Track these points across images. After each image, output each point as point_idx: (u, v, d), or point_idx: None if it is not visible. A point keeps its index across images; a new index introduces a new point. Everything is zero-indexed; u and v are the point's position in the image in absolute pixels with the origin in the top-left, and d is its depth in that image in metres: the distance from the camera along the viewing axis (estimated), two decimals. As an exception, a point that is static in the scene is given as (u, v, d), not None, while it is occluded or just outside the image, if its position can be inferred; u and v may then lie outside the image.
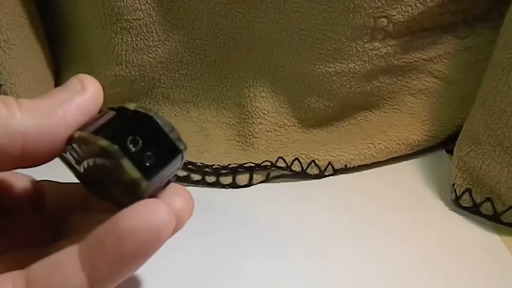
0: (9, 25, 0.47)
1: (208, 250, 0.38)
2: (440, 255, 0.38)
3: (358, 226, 0.41)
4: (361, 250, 0.38)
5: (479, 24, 0.49)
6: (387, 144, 0.47)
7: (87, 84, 0.22)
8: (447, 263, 0.37)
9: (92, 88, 0.22)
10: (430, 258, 0.37)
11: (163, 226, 0.20)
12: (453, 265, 0.37)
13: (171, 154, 0.24)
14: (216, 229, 0.40)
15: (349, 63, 0.47)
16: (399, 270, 0.36)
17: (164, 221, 0.20)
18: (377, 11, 0.44)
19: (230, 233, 0.40)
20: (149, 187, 0.22)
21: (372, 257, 0.38)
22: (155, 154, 0.22)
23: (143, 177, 0.22)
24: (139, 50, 0.48)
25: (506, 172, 0.39)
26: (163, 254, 0.25)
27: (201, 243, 0.39)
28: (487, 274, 0.36)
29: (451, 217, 0.42)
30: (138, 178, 0.21)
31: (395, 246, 0.39)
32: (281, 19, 0.47)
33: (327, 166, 0.46)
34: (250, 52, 0.50)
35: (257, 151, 0.49)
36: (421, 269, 0.36)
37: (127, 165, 0.21)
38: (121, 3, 0.45)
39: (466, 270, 0.36)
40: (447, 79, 0.50)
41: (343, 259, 0.37)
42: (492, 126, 0.39)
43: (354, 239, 0.39)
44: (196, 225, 0.41)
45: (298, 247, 0.38)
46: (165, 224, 0.20)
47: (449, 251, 0.38)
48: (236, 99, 0.52)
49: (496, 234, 0.40)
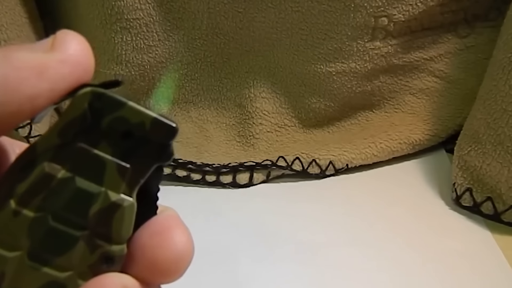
0: (9, 25, 0.47)
1: (208, 250, 0.38)
2: (440, 255, 0.38)
3: (359, 226, 0.40)
4: (361, 250, 0.38)
5: (480, 23, 0.49)
6: (388, 143, 0.47)
7: (63, 41, 0.16)
8: (447, 263, 0.37)
9: (71, 48, 0.16)
10: (430, 258, 0.37)
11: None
12: (453, 265, 0.37)
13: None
14: (216, 230, 0.40)
15: (350, 63, 0.47)
16: (399, 269, 0.36)
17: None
18: (378, 11, 0.44)
19: (230, 233, 0.40)
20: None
21: (372, 257, 0.37)
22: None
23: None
24: (139, 50, 0.48)
25: (506, 171, 0.39)
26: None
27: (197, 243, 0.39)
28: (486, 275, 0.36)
29: (452, 216, 0.42)
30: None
31: (396, 245, 0.38)
32: (281, 19, 0.47)
33: (328, 165, 0.46)
34: (250, 52, 0.50)
35: (258, 151, 0.49)
36: (421, 268, 0.36)
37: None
38: (121, 3, 0.45)
39: (466, 269, 0.36)
40: (448, 79, 0.50)
41: (343, 259, 0.37)
42: (493, 126, 0.39)
43: (354, 239, 0.39)
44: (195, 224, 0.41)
45: (298, 247, 0.38)
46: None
47: (449, 250, 0.38)
48: (236, 99, 0.52)
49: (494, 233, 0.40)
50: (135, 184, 0.16)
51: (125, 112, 0.16)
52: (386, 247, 0.38)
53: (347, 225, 0.41)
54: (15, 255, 0.15)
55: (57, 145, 0.16)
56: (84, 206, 0.16)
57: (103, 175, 0.16)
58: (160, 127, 0.16)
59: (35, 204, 0.15)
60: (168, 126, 0.16)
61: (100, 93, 0.16)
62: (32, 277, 0.16)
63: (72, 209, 0.16)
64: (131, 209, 0.16)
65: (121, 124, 0.16)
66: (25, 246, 0.15)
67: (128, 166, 0.16)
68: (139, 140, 0.16)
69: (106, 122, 0.16)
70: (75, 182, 0.16)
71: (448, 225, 0.41)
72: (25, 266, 0.16)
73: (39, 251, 0.16)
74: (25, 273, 0.16)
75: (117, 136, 0.16)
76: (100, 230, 0.16)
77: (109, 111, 0.16)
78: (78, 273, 0.16)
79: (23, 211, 0.15)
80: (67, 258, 0.16)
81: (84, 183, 0.16)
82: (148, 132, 0.16)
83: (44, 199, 0.15)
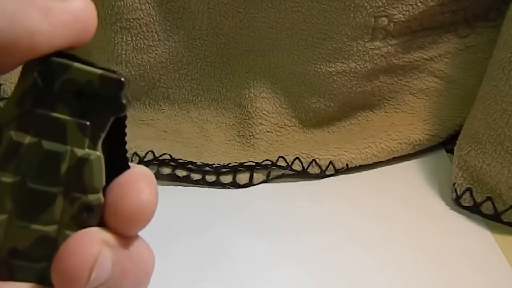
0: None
1: (208, 250, 0.38)
2: (440, 255, 0.38)
3: (359, 226, 0.40)
4: (361, 250, 0.38)
5: (480, 23, 0.49)
6: (388, 143, 0.47)
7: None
8: (447, 263, 0.37)
9: (77, 3, 0.17)
10: (430, 258, 0.37)
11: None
12: (453, 265, 0.37)
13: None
14: (216, 230, 0.40)
15: (350, 63, 0.47)
16: (399, 269, 0.36)
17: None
18: (378, 11, 0.44)
19: (230, 233, 0.40)
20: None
21: (372, 257, 0.37)
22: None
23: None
24: (139, 50, 0.48)
25: (506, 171, 0.39)
26: (159, 254, 0.25)
27: (197, 243, 0.39)
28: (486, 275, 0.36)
29: (452, 216, 0.42)
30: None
31: (396, 245, 0.38)
32: (281, 19, 0.47)
33: (328, 165, 0.46)
34: (250, 52, 0.50)
35: (258, 151, 0.49)
36: (421, 268, 0.36)
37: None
38: (121, 3, 0.45)
39: (466, 269, 0.36)
40: (447, 79, 0.50)
41: (344, 259, 0.37)
42: (493, 126, 0.39)
43: (354, 239, 0.39)
44: (194, 225, 0.41)
45: (298, 247, 0.38)
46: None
47: (449, 250, 0.38)
48: (236, 99, 0.52)
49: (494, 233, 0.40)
50: (97, 138, 0.17)
51: (73, 73, 0.17)
52: (386, 247, 0.38)
53: (347, 225, 0.41)
54: (3, 217, 0.17)
55: (18, 115, 0.17)
56: (55, 165, 0.17)
57: (65, 134, 0.17)
58: (108, 82, 0.17)
59: (11, 170, 0.17)
60: (115, 80, 0.17)
61: (45, 60, 0.17)
62: (23, 234, 0.17)
63: (45, 170, 0.17)
64: (99, 161, 0.17)
65: (71, 85, 0.17)
66: (11, 209, 0.17)
67: (87, 123, 0.17)
68: (91, 97, 0.17)
69: (57, 85, 0.17)
70: (42, 145, 0.17)
71: (448, 225, 0.40)
72: (15, 226, 0.17)
73: (24, 211, 0.17)
74: (17, 232, 0.17)
75: (71, 97, 0.17)
76: (74, 184, 0.17)
77: (58, 75, 0.17)
78: (63, 225, 0.17)
79: (2, 178, 0.17)
80: (50, 213, 0.17)
81: (51, 144, 0.17)
82: (98, 88, 0.17)
83: (18, 164, 0.17)
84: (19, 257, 0.17)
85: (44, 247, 0.17)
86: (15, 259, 0.17)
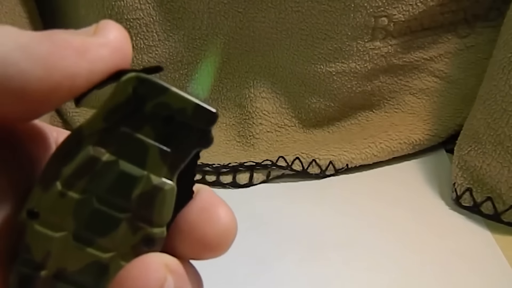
0: (10, 25, 0.47)
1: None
2: (441, 255, 0.38)
3: (359, 226, 0.40)
4: (361, 250, 0.38)
5: (480, 23, 0.49)
6: (388, 143, 0.47)
7: (104, 28, 0.17)
8: (448, 263, 0.37)
9: (112, 35, 0.17)
10: (430, 258, 0.37)
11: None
12: (453, 265, 0.37)
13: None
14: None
15: (350, 63, 0.47)
16: (399, 269, 0.36)
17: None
18: (378, 11, 0.44)
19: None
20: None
21: (372, 256, 0.37)
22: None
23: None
24: (139, 50, 0.48)
25: (506, 171, 0.39)
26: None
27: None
28: (486, 275, 0.36)
29: (452, 216, 0.42)
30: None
31: (395, 245, 0.38)
32: (281, 19, 0.47)
33: (328, 165, 0.46)
34: (250, 52, 0.50)
35: (258, 151, 0.49)
36: (421, 268, 0.36)
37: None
38: (121, 3, 0.45)
39: (466, 269, 0.36)
40: (447, 79, 0.50)
41: (343, 259, 0.37)
42: (493, 126, 0.39)
43: (354, 239, 0.39)
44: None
45: (298, 247, 0.38)
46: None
47: (449, 250, 0.38)
48: (236, 99, 0.52)
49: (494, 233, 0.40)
50: (176, 168, 0.16)
51: (168, 97, 0.16)
52: (386, 247, 0.38)
53: (347, 225, 0.41)
54: (60, 235, 0.16)
55: (102, 129, 0.16)
56: (127, 189, 0.16)
57: (145, 159, 0.16)
58: (201, 113, 0.16)
59: (80, 186, 0.16)
60: (209, 112, 0.16)
61: (144, 79, 0.16)
62: (76, 256, 0.16)
63: (115, 191, 0.16)
64: (172, 192, 0.16)
65: (163, 109, 0.16)
66: (70, 227, 0.16)
67: (170, 150, 0.16)
68: (180, 125, 0.16)
69: (149, 107, 0.16)
70: (119, 165, 0.16)
71: (448, 225, 0.40)
72: (70, 246, 0.16)
73: (84, 232, 0.16)
74: (70, 253, 0.16)
75: (160, 121, 0.16)
76: (142, 213, 0.16)
77: (153, 96, 0.16)
78: (120, 254, 0.16)
79: (69, 193, 0.16)
80: (110, 239, 0.16)
81: (128, 166, 0.16)
82: (190, 117, 0.16)
83: (89, 181, 0.16)
84: (64, 279, 0.16)
85: (93, 274, 0.16)
86: (60, 281, 0.16)
